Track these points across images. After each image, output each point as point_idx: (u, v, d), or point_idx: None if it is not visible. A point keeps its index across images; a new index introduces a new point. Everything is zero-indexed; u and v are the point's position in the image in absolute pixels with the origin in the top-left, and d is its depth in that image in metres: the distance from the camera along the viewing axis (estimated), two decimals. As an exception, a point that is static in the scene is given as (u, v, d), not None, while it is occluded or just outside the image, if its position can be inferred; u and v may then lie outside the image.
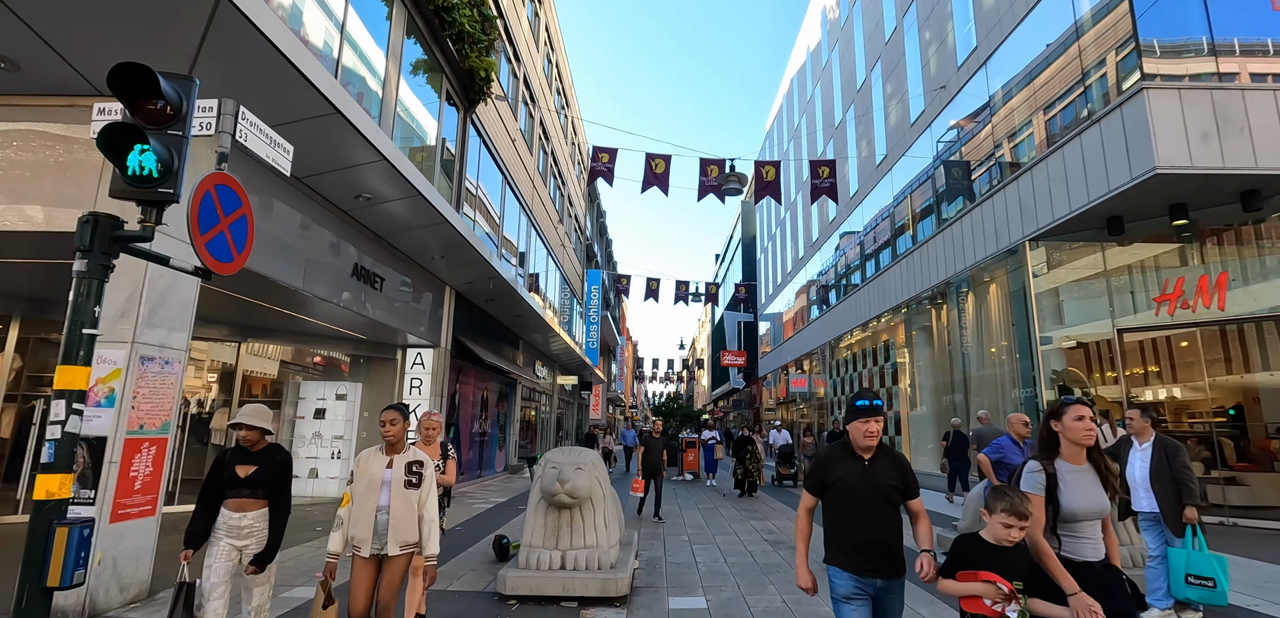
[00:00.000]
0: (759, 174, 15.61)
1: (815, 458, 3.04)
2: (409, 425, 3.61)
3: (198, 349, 10.63)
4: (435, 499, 3.60)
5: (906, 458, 2.97)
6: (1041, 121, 10.80)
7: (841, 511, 2.84)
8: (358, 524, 3.45)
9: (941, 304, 14.86)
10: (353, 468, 3.60)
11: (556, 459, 5.70)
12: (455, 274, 12.13)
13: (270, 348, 11.49)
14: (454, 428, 13.50)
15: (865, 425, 2.77)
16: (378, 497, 3.47)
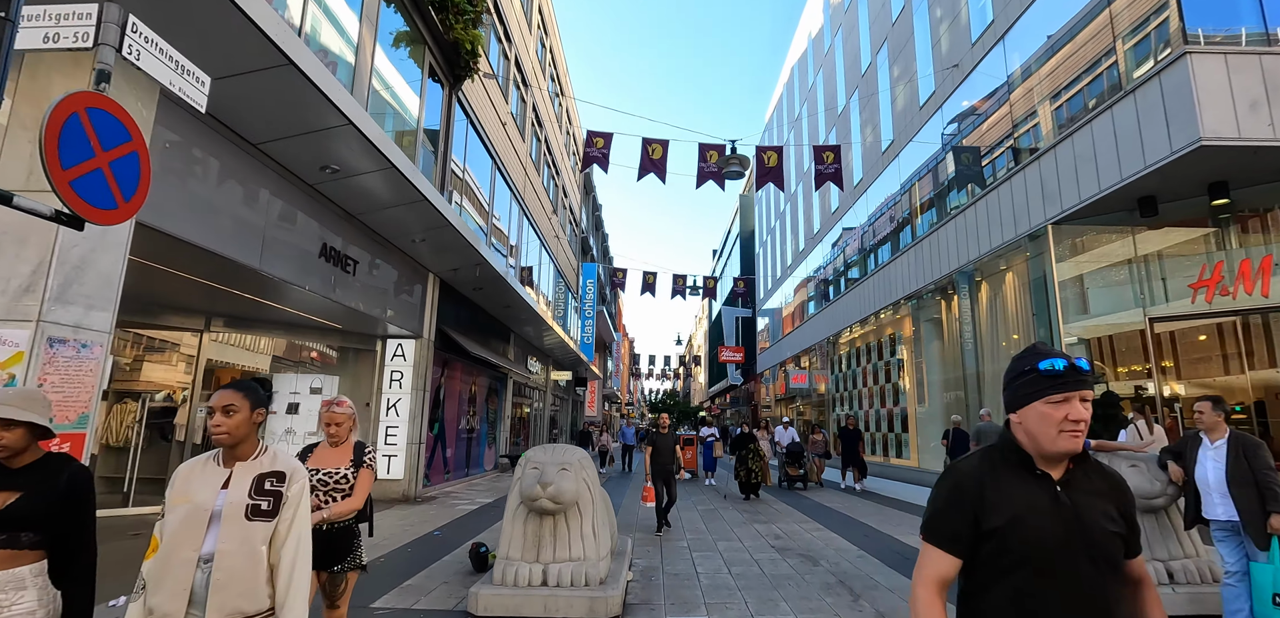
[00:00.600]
0: (760, 160, 14.91)
1: (950, 477, 1.54)
2: (255, 418, 2.14)
3: (165, 338, 9.87)
4: (305, 537, 2.08)
5: (1117, 474, 1.53)
6: (1066, 97, 10.10)
7: (1024, 593, 1.38)
8: (162, 589, 1.91)
9: (952, 295, 14.17)
10: (168, 493, 2.04)
11: (538, 458, 4.96)
12: (439, 261, 11.38)
13: (254, 338, 10.73)
14: (439, 424, 12.75)
15: (1064, 408, 1.40)
16: (200, 538, 1.94)
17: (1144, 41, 8.49)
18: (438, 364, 12.65)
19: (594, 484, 5.15)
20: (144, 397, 9.43)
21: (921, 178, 15.41)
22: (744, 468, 12.09)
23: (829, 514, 10.16)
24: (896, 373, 17.06)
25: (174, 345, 9.99)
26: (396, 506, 10.37)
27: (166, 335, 9.83)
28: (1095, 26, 9.41)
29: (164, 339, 9.87)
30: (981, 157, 12.72)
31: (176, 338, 9.93)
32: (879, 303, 17.64)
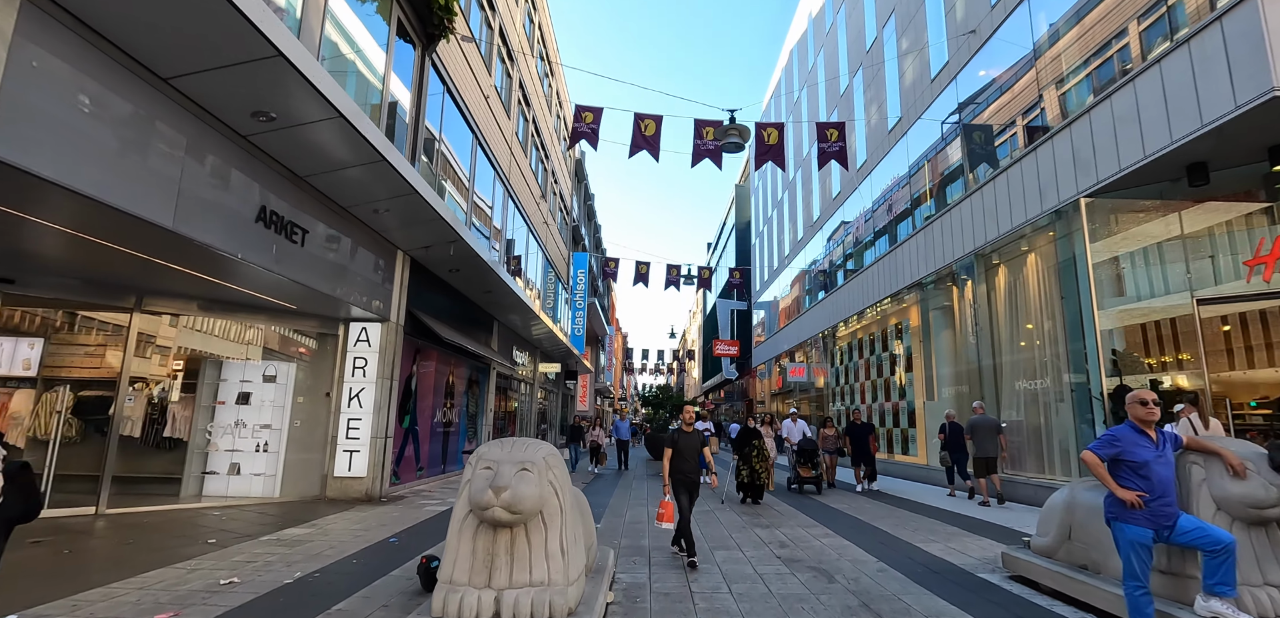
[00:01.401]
0: (761, 137, 13.92)
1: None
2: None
3: (99, 318, 8.75)
4: None
5: None
6: (1102, 59, 9.12)
7: None
8: None
9: (965, 281, 13.21)
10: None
11: (492, 456, 3.94)
12: (408, 236, 10.31)
13: (202, 321, 9.63)
14: (410, 417, 11.70)
15: None
16: None
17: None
18: (409, 352, 11.59)
19: (564, 487, 4.12)
20: (62, 386, 8.32)
21: (932, 157, 14.43)
22: (747, 467, 10.65)
23: (837, 518, 9.18)
24: (902, 365, 16.11)
25: (112, 327, 8.88)
26: (357, 507, 9.33)
27: (100, 315, 8.73)
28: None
29: (94, 319, 8.77)
30: (1000, 130, 11.74)
31: (108, 318, 8.82)
32: (884, 291, 16.68)
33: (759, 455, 10.64)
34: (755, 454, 10.67)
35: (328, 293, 8.65)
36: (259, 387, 9.90)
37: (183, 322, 9.55)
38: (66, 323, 8.45)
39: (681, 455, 6.49)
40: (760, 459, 10.61)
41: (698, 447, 6.58)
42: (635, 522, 8.71)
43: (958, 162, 13.29)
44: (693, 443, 6.57)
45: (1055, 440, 10.29)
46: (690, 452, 6.54)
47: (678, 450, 6.52)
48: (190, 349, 9.71)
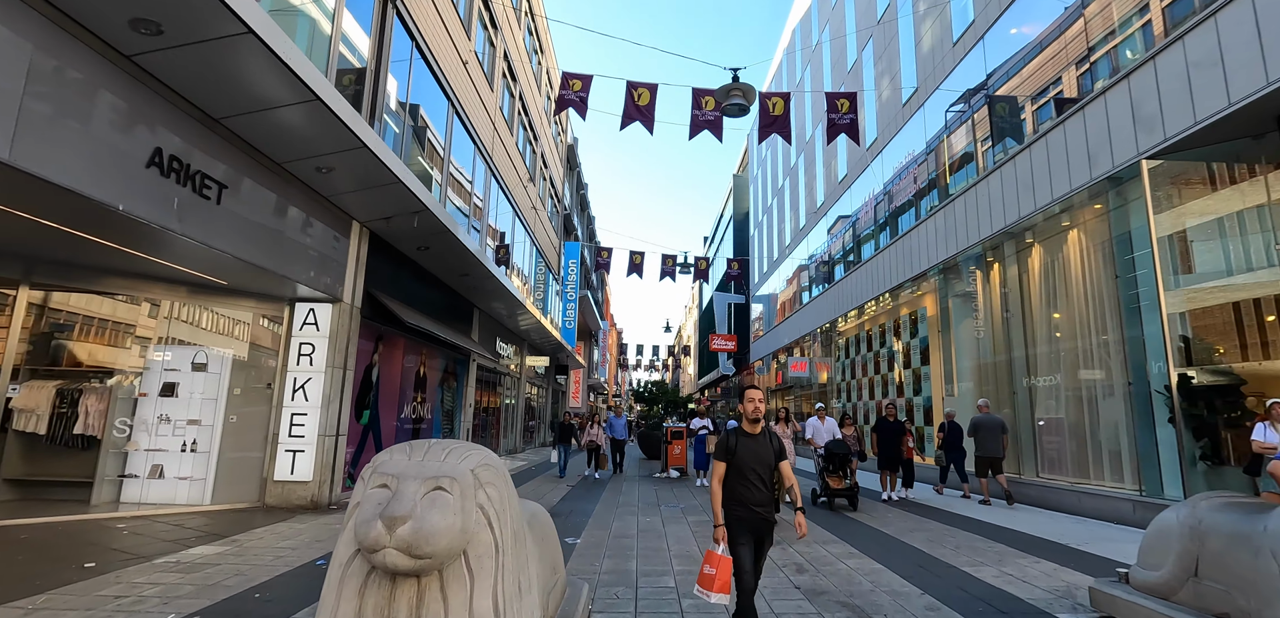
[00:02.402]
0: (765, 107, 12.67)
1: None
2: None
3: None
4: None
5: None
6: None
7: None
8: None
9: (992, 263, 11.94)
10: None
11: (393, 467, 2.58)
12: (365, 203, 8.95)
13: (109, 300, 8.26)
14: (371, 411, 10.34)
15: None
16: None
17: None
18: (369, 338, 10.23)
19: (503, 512, 2.76)
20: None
21: (954, 130, 13.14)
22: None
23: (861, 532, 7.89)
24: (918, 357, 14.84)
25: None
26: (298, 516, 7.98)
27: None
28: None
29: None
30: (1037, 92, 10.45)
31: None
32: (896, 279, 15.40)
33: None
34: None
35: (260, 266, 7.29)
36: (187, 376, 8.52)
37: (97, 298, 8.17)
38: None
39: (743, 475, 3.78)
40: None
41: (771, 461, 3.87)
42: (623, 535, 7.40)
43: (984, 134, 12.00)
44: (762, 455, 3.85)
45: (1101, 441, 9.03)
46: (759, 466, 3.81)
47: (736, 466, 3.81)
48: (108, 329, 8.34)
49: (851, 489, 9.35)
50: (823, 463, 9.81)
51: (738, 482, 3.80)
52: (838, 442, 9.77)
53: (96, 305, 8.46)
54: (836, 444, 9.69)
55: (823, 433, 10.34)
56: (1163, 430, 7.80)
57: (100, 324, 8.62)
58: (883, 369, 16.83)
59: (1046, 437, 10.07)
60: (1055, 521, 8.54)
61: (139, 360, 8.54)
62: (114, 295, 8.42)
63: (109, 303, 8.49)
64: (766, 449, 3.88)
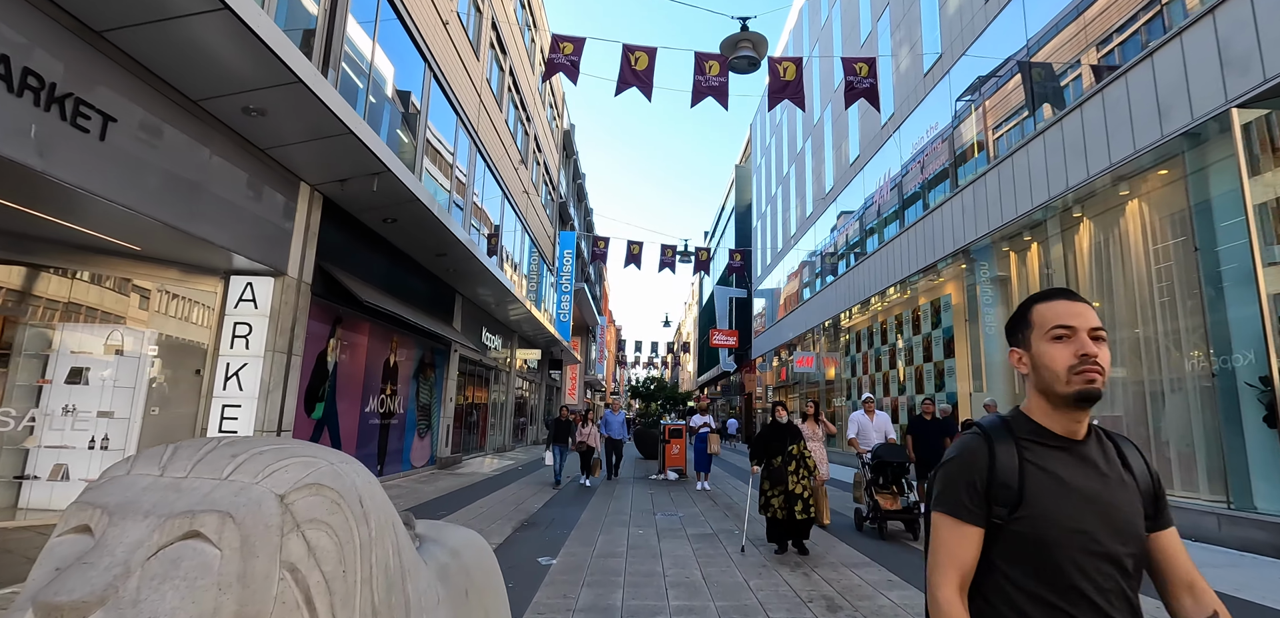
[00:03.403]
0: (775, 72, 11.40)
1: None
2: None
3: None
4: None
5: None
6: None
7: None
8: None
9: (1030, 243, 10.66)
10: None
11: (111, 495, 1.26)
12: (312, 160, 7.66)
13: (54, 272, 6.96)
14: (324, 404, 9.06)
15: None
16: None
17: None
18: (323, 320, 8.95)
19: (353, 575, 1.46)
20: None
21: (985, 98, 11.85)
22: (780, 492, 6.18)
23: (904, 556, 6.60)
24: (940, 350, 13.56)
25: None
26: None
27: None
28: None
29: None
30: (1091, 46, 9.16)
31: None
32: (916, 265, 14.12)
33: (801, 472, 6.25)
34: (796, 470, 6.23)
35: (172, 225, 6.00)
36: (99, 361, 7.23)
37: None
38: None
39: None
40: (803, 478, 6.22)
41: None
42: (609, 554, 6.12)
43: (1021, 100, 10.72)
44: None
45: (1169, 444, 7.76)
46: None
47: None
48: (0, 307, 7.04)
49: (912, 510, 7.02)
50: (870, 475, 7.44)
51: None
52: (892, 447, 7.58)
53: None
54: (889, 450, 7.45)
55: (871, 433, 8.02)
56: (1255, 432, 6.53)
57: None
58: (899, 364, 15.56)
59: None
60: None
61: (42, 341, 7.25)
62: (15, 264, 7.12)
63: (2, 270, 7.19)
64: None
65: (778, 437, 6.48)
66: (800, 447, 6.36)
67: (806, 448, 6.41)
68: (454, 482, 11.60)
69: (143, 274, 7.31)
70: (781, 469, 6.26)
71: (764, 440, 6.56)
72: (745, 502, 9.77)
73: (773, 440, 6.48)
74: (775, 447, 6.42)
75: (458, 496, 9.81)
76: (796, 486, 6.12)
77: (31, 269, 6.90)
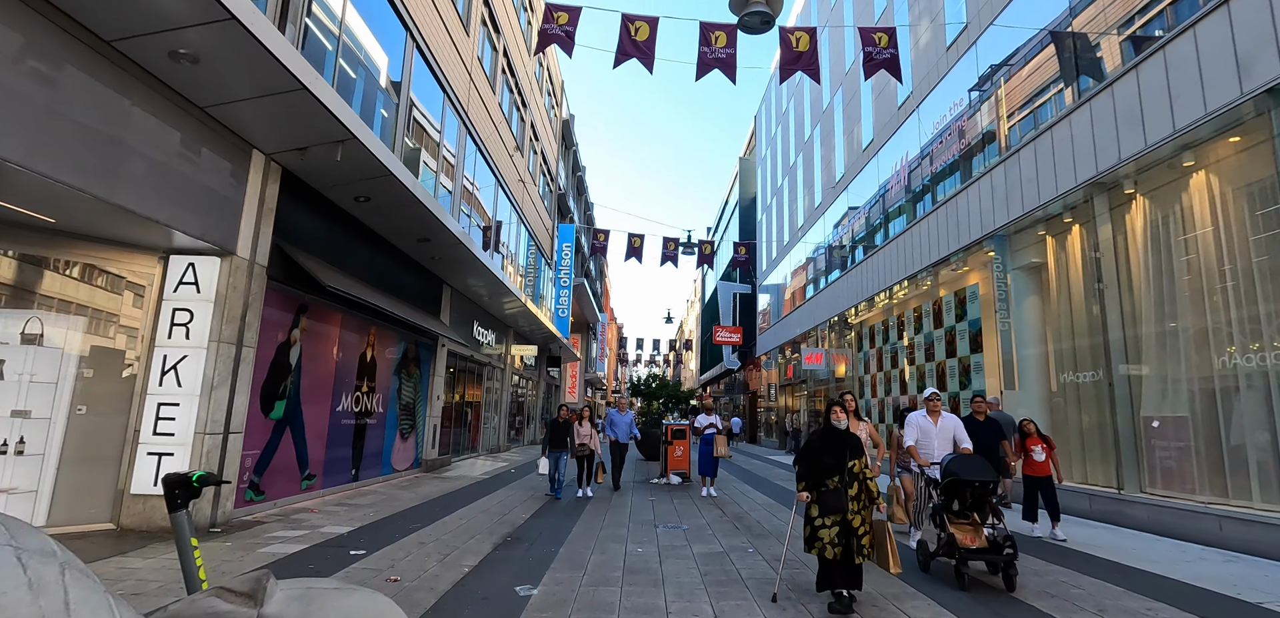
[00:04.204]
0: (787, 42, 10.46)
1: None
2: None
3: None
4: None
5: None
6: None
7: None
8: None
9: (1070, 226, 9.66)
10: None
11: None
12: (265, 125, 6.69)
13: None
14: (286, 403, 8.09)
15: None
16: None
17: None
18: (285, 307, 7.98)
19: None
20: None
21: (1018, 69, 10.84)
22: (833, 519, 4.42)
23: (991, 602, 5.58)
24: (966, 344, 12.56)
25: None
26: (164, 542, 5.76)
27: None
28: None
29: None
30: (1146, 4, 8.15)
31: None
32: (937, 254, 13.12)
33: (861, 493, 4.52)
34: (858, 495, 4.50)
35: (80, 189, 5.04)
36: (14, 351, 6.27)
37: None
38: None
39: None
40: (863, 502, 4.52)
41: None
42: (603, 579, 5.14)
43: (1057, 72, 9.72)
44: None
45: (1244, 447, 6.76)
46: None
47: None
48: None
49: (999, 545, 4.97)
50: (938, 495, 5.51)
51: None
52: (969, 459, 5.45)
53: None
54: (967, 463, 5.38)
55: (933, 441, 6.06)
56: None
57: None
58: (919, 360, 14.56)
59: (1158, 441, 7.80)
60: (1205, 557, 6.30)
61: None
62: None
63: None
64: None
65: (834, 449, 4.56)
66: (863, 464, 4.56)
67: (863, 469, 4.57)
68: (438, 487, 10.64)
69: (63, 251, 6.34)
70: (839, 493, 4.42)
71: (815, 455, 4.60)
72: (763, 517, 8.77)
73: (828, 454, 4.55)
74: (830, 464, 4.50)
75: (437, 504, 8.85)
76: (856, 517, 4.41)
77: None
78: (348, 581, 4.70)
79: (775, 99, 31.42)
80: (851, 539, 4.36)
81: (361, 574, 5.11)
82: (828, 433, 4.67)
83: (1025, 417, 7.05)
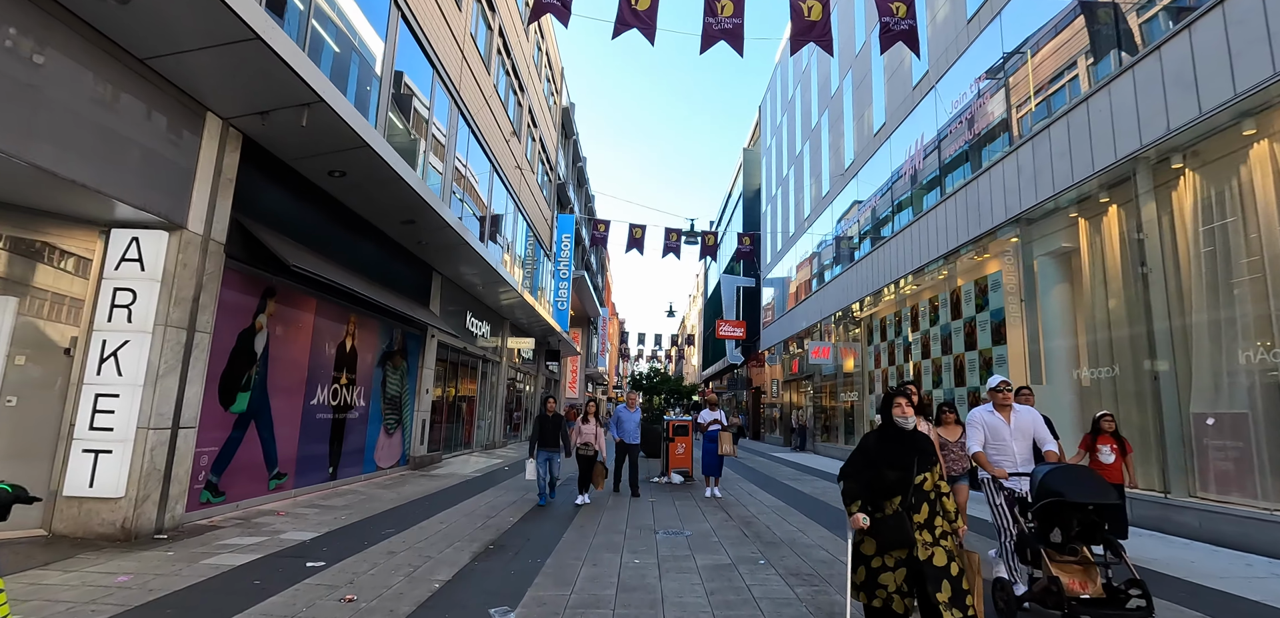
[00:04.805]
0: (798, 11, 9.78)
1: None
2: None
3: None
4: None
5: None
6: None
7: None
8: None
9: (1106, 206, 8.90)
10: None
11: None
12: (219, 83, 5.96)
13: None
14: (250, 395, 7.38)
15: None
16: None
17: None
18: (248, 290, 7.27)
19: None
20: None
21: (1050, 38, 10.08)
22: (900, 559, 3.10)
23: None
24: (988, 336, 11.81)
25: None
26: (101, 551, 5.07)
27: None
28: None
29: None
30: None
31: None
32: (956, 240, 12.36)
33: (938, 522, 3.14)
34: (929, 521, 3.13)
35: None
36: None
37: None
38: None
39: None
40: (944, 535, 3.12)
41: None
42: (592, 599, 4.43)
43: (1086, 46, 8.94)
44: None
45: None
46: None
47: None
48: None
49: (1121, 596, 3.63)
50: (1029, 521, 4.02)
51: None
52: (1072, 471, 3.90)
53: None
54: (1071, 477, 3.82)
55: (1009, 444, 4.54)
56: None
57: None
58: (934, 353, 13.81)
59: (1212, 440, 7.05)
60: (1277, 572, 5.56)
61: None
62: None
63: None
64: None
65: (897, 457, 3.19)
66: (937, 476, 3.22)
67: (939, 480, 3.23)
68: (423, 487, 9.94)
69: (8, 224, 5.62)
70: (901, 521, 3.07)
71: (871, 464, 3.23)
72: (773, 522, 8.03)
73: (889, 463, 3.19)
74: (893, 479, 3.16)
75: (418, 506, 8.14)
76: (927, 548, 3.05)
77: None
78: (296, 599, 3.65)
79: (781, 87, 30.61)
80: (925, 583, 2.99)
81: (313, 592, 4.41)
82: (888, 434, 3.27)
83: (1104, 412, 6.16)
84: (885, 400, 3.36)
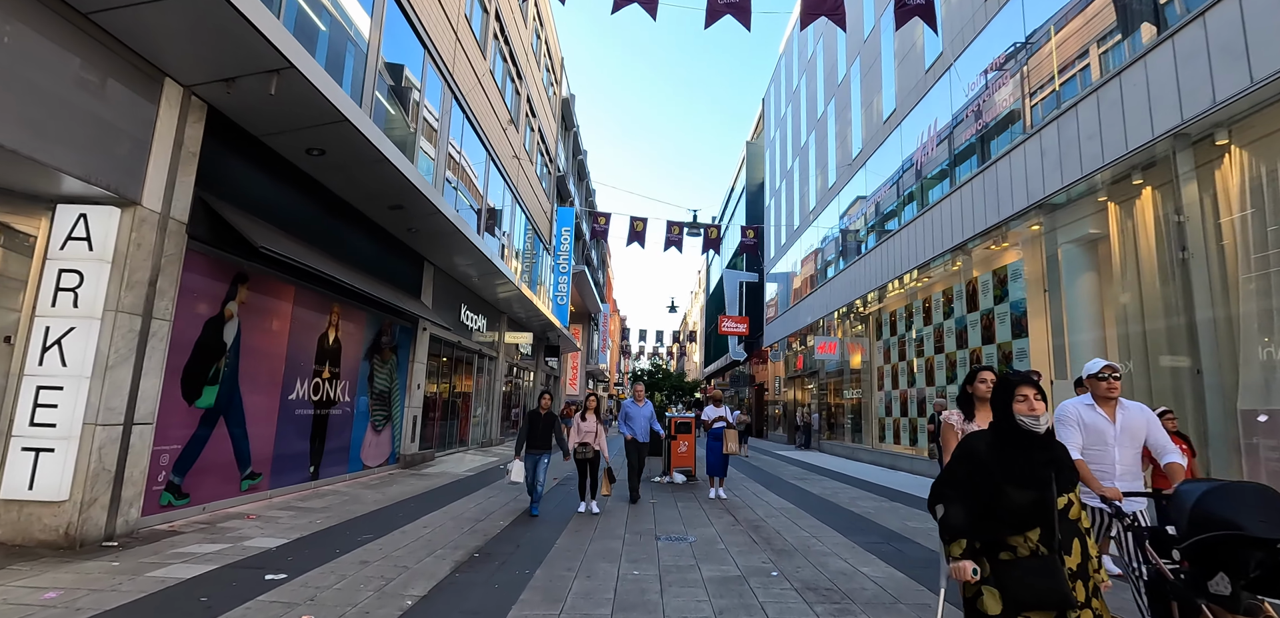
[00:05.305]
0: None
1: None
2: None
3: None
4: None
5: None
6: None
7: None
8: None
9: (1140, 188, 8.31)
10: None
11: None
12: (178, 45, 5.39)
13: None
14: (218, 389, 6.82)
15: None
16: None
17: None
18: (214, 274, 6.71)
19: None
20: None
21: (1071, 17, 9.48)
22: (1053, 604, 2.04)
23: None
24: (1008, 329, 11.23)
25: None
26: (40, 560, 4.53)
27: None
28: None
29: None
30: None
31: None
32: (973, 228, 11.78)
33: (1086, 544, 2.26)
34: (1076, 559, 2.23)
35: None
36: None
37: None
38: None
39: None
40: (1093, 578, 2.24)
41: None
42: (582, 609, 3.89)
43: (1113, 23, 8.34)
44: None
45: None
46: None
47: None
48: None
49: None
50: (1175, 563, 2.65)
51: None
52: (1247, 494, 2.36)
53: None
54: (1239, 500, 2.33)
55: (1116, 447, 3.67)
56: None
57: None
58: (950, 347, 13.23)
59: (1264, 439, 6.48)
60: None
61: None
62: None
63: None
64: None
65: (1029, 474, 2.18)
66: (1077, 497, 2.32)
67: (1072, 494, 2.30)
68: (412, 487, 9.40)
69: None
70: (1051, 566, 2.10)
71: (988, 481, 2.23)
72: (783, 526, 7.41)
73: (1017, 483, 2.18)
74: (1020, 501, 2.16)
75: (402, 508, 7.60)
76: (1082, 587, 2.20)
77: None
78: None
79: (785, 77, 29.99)
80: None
81: (269, 609, 3.87)
82: (1010, 438, 2.26)
83: (1165, 409, 5.54)
84: (1001, 389, 2.30)
